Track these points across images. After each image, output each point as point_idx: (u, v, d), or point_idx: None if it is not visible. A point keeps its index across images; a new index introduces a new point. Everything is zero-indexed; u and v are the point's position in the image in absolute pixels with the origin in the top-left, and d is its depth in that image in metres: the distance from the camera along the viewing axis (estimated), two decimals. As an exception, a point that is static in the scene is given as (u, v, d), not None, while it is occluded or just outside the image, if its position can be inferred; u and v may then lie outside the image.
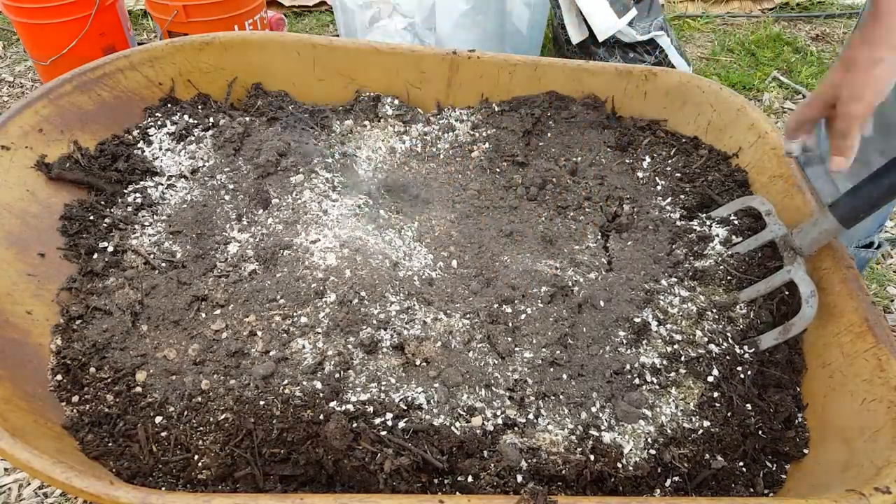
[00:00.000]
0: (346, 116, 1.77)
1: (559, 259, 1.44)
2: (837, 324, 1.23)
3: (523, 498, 0.90)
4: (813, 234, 1.27)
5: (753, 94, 3.11)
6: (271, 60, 1.78)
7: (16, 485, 1.57)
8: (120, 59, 1.63)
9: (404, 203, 1.57)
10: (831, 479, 1.06)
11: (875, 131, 1.38)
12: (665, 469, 1.10)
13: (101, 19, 2.68)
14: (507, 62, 1.78)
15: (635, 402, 1.15)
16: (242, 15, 2.76)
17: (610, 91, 1.81)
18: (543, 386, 1.17)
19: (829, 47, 3.47)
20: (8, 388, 1.04)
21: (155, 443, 1.08)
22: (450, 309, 1.29)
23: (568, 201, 1.58)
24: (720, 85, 1.73)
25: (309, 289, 1.27)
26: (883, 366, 1.11)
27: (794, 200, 1.44)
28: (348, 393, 1.11)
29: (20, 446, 0.91)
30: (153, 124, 1.64)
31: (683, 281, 1.36)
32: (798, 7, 3.87)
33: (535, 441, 1.10)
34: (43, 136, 1.43)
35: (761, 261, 1.37)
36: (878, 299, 2.26)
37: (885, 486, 0.93)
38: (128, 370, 1.16)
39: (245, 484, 1.05)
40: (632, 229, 1.51)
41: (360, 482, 1.03)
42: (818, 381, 1.23)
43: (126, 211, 1.45)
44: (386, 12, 2.80)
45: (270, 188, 1.51)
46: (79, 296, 1.27)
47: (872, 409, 1.09)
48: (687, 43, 3.51)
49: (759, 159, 1.58)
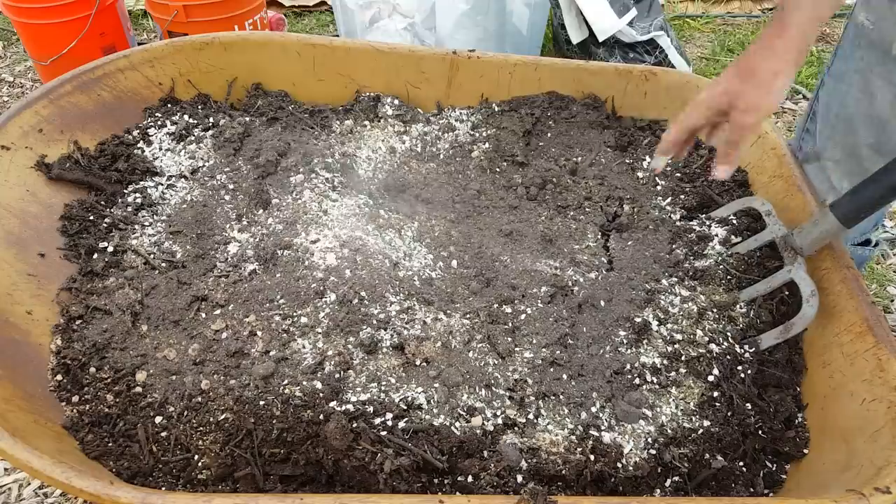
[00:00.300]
0: (346, 116, 1.77)
1: (559, 259, 1.44)
2: (837, 324, 1.23)
3: (523, 498, 0.90)
4: (813, 234, 1.27)
5: (753, 94, 3.11)
6: (271, 60, 1.78)
7: (16, 485, 1.57)
8: (120, 59, 1.63)
9: (404, 203, 1.57)
10: (831, 479, 1.06)
11: (865, 126, 1.38)
12: (665, 469, 1.10)
13: (101, 19, 2.68)
14: (507, 62, 1.78)
15: (635, 402, 1.15)
16: (242, 15, 2.76)
17: (610, 91, 1.81)
18: (543, 386, 1.17)
19: (828, 47, 3.47)
20: (8, 389, 1.04)
21: (155, 443, 1.08)
22: (450, 309, 1.29)
23: (568, 201, 1.58)
24: (720, 85, 1.72)
25: (309, 289, 1.27)
26: (883, 366, 1.11)
27: (794, 200, 1.44)
28: (348, 393, 1.11)
29: (20, 446, 0.91)
30: (153, 124, 1.64)
31: (684, 281, 1.36)
32: (798, 7, 3.87)
33: (535, 441, 1.09)
34: (43, 136, 1.43)
35: (761, 261, 1.37)
36: (878, 299, 2.26)
37: (885, 486, 0.93)
38: (128, 370, 1.16)
39: (245, 484, 1.05)
40: (632, 229, 1.51)
41: (360, 482, 1.03)
42: (818, 381, 1.23)
43: (126, 211, 1.45)
44: (386, 12, 2.80)
45: (270, 188, 1.51)
46: (79, 296, 1.27)
47: (872, 409, 1.08)
48: (687, 43, 3.51)
49: (759, 159, 1.58)
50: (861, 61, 1.37)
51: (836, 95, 1.45)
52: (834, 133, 1.47)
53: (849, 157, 1.45)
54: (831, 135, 1.48)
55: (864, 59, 1.36)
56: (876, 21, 1.31)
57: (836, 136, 1.47)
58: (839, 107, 1.44)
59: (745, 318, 1.30)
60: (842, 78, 1.43)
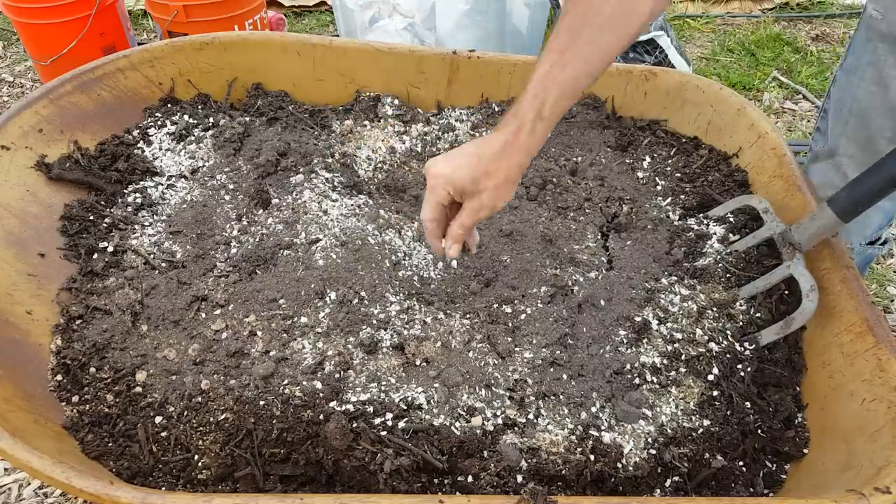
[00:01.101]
0: (346, 116, 1.77)
1: (559, 259, 1.44)
2: (837, 324, 1.23)
3: (523, 498, 0.90)
4: (811, 229, 1.27)
5: (753, 94, 3.11)
6: (271, 60, 1.78)
7: (16, 485, 1.57)
8: (120, 59, 1.63)
9: (404, 203, 1.57)
10: (831, 479, 1.06)
11: (881, 117, 1.38)
12: (665, 469, 1.10)
13: (101, 19, 2.68)
14: (507, 62, 1.78)
15: (635, 402, 1.15)
16: (242, 15, 2.76)
17: (610, 91, 1.81)
18: (543, 386, 1.17)
19: (829, 47, 3.47)
20: (8, 389, 1.04)
21: (155, 443, 1.08)
22: (450, 309, 1.29)
23: (568, 202, 1.57)
24: (720, 85, 1.73)
25: (309, 289, 1.27)
26: (883, 366, 1.11)
27: (794, 200, 1.44)
28: (348, 393, 1.11)
29: (20, 446, 0.91)
30: (153, 124, 1.64)
31: (683, 279, 1.36)
32: (798, 7, 3.87)
33: (535, 441, 1.09)
34: (43, 136, 1.43)
35: (759, 258, 1.37)
36: (878, 299, 2.26)
37: (885, 486, 0.93)
38: (128, 370, 1.16)
39: (245, 484, 1.05)
40: (631, 229, 1.51)
41: (360, 482, 1.03)
42: (818, 381, 1.23)
43: (126, 211, 1.45)
44: (386, 12, 2.80)
45: (270, 188, 1.51)
46: (79, 296, 1.27)
47: (872, 409, 1.08)
48: (687, 43, 3.51)
49: (759, 159, 1.58)
50: (873, 54, 1.37)
51: (849, 90, 1.45)
52: (847, 128, 1.47)
53: (864, 151, 1.45)
54: (844, 130, 1.48)
55: (875, 52, 1.36)
56: (885, 12, 1.32)
57: (849, 131, 1.47)
58: (852, 101, 1.45)
59: (745, 316, 1.30)
60: (854, 72, 1.43)
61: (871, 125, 1.41)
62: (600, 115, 1.79)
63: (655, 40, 2.89)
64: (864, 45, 1.40)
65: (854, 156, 1.48)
